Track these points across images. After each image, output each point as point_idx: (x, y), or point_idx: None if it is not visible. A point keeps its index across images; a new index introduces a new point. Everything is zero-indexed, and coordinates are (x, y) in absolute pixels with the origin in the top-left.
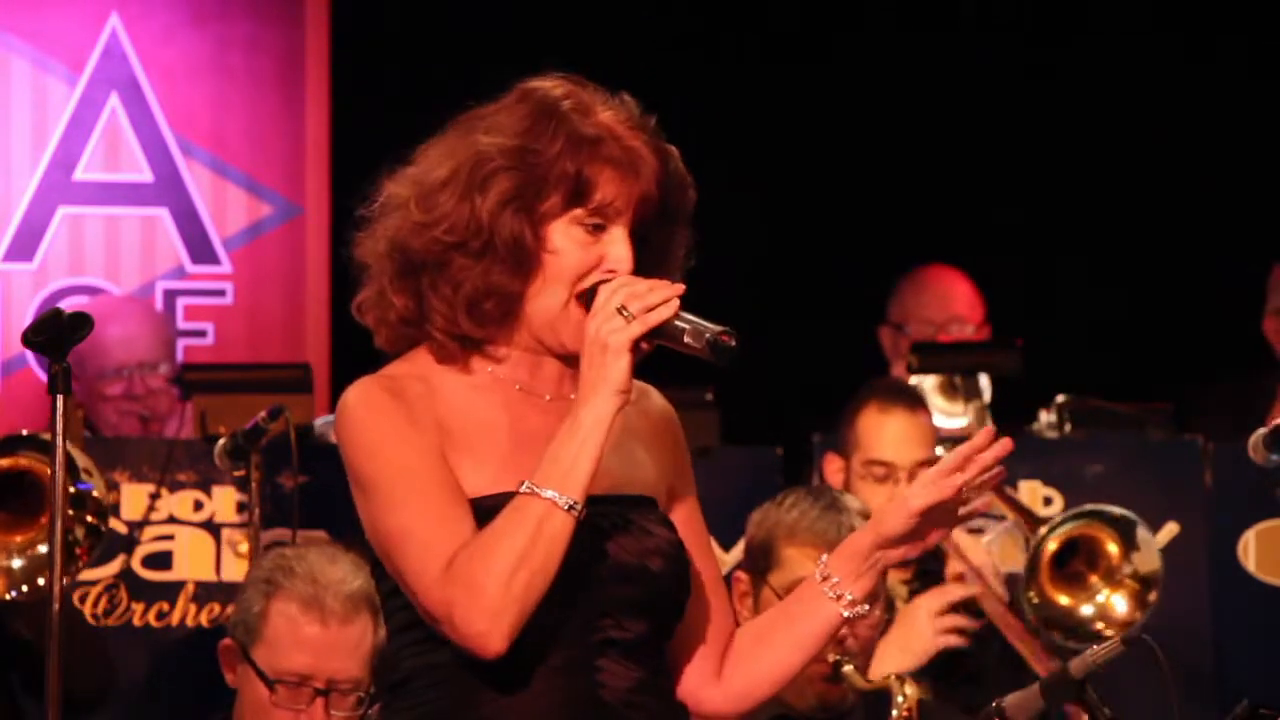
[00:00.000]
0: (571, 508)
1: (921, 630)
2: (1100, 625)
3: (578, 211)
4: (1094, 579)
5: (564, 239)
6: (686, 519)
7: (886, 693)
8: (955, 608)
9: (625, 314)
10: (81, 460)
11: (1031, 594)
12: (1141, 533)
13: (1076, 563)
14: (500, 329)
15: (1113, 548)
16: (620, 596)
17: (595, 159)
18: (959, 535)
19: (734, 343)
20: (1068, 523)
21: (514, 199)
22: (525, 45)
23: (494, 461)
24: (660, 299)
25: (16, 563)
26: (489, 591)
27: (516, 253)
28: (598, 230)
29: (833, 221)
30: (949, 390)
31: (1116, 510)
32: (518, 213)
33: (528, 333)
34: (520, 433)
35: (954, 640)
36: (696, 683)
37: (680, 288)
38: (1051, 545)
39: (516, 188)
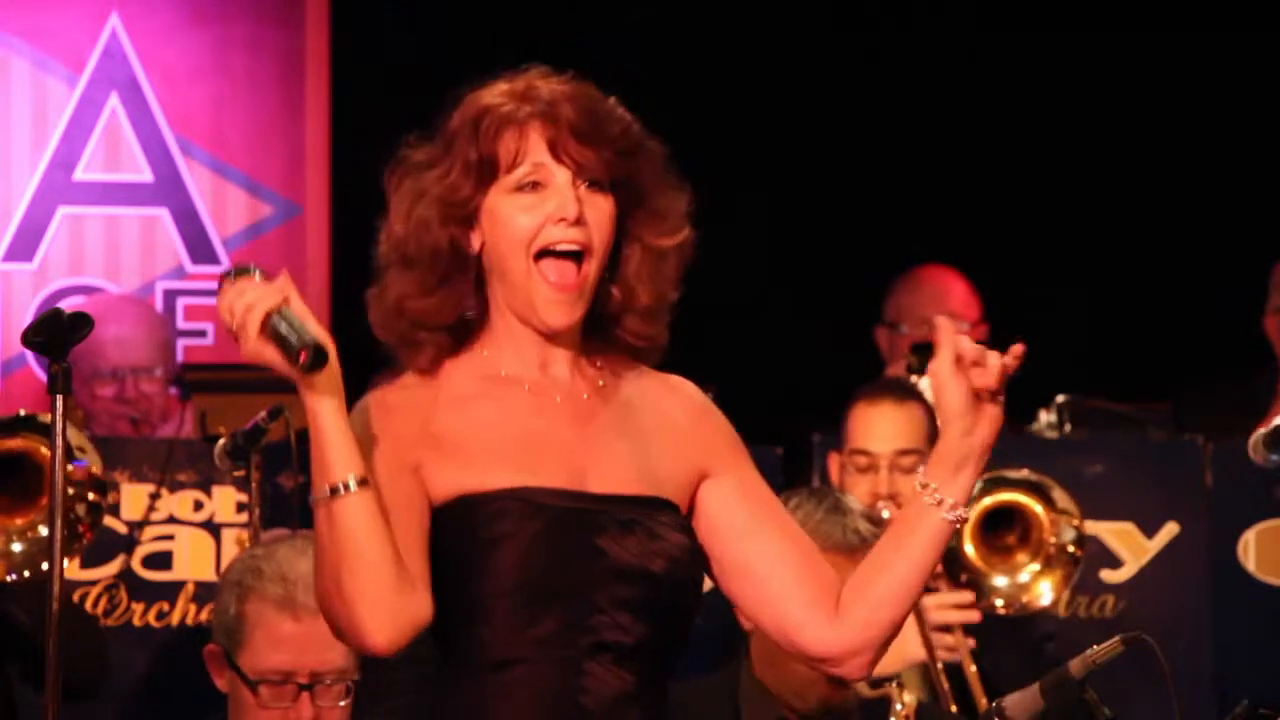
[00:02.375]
0: (335, 490)
1: (906, 637)
2: (1002, 602)
3: (504, 180)
4: (1021, 556)
5: (507, 208)
6: (738, 490)
7: (887, 699)
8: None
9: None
10: (75, 438)
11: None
12: (1059, 495)
13: (1008, 536)
14: (488, 329)
15: (1039, 510)
16: (617, 597)
17: (490, 128)
18: None
19: (308, 359)
20: (994, 487)
21: (439, 212)
22: (525, 45)
23: (486, 459)
24: (253, 298)
25: (16, 546)
26: (336, 609)
27: (435, 259)
28: (537, 188)
29: (834, 221)
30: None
31: (1025, 475)
32: (444, 224)
33: (518, 323)
34: (521, 431)
35: (937, 655)
36: (816, 629)
37: (273, 292)
38: (978, 505)
39: (440, 202)
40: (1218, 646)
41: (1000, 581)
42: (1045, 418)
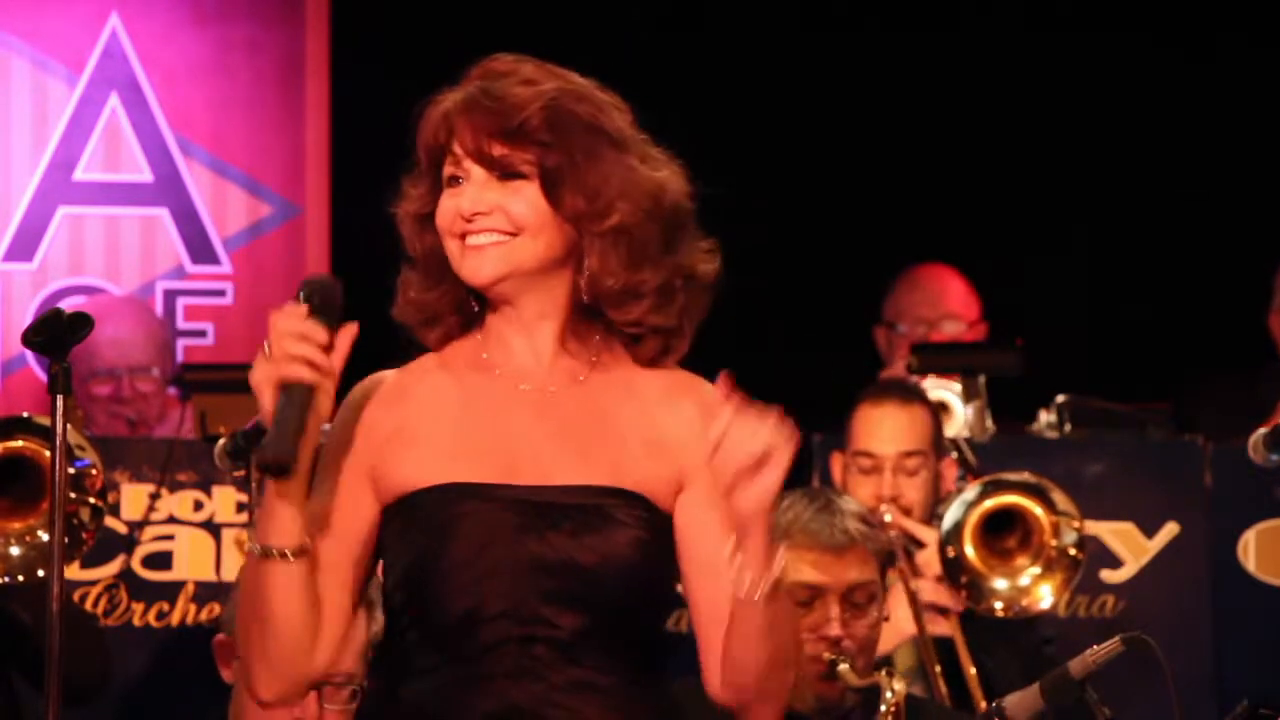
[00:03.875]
0: (267, 552)
1: (899, 614)
2: (1000, 605)
3: (443, 179)
4: (1021, 559)
5: (440, 206)
6: (700, 514)
7: (877, 687)
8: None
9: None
10: (74, 437)
11: (950, 549)
12: (1059, 498)
13: (1009, 539)
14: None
15: (1040, 513)
16: (544, 590)
17: (423, 130)
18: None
19: (269, 461)
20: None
21: (414, 220)
22: (525, 45)
23: (428, 454)
24: (299, 354)
25: (15, 550)
26: (240, 645)
27: (428, 260)
28: (457, 183)
29: (834, 221)
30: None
31: (1025, 478)
32: (422, 230)
33: (496, 312)
34: (471, 424)
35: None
36: (712, 674)
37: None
38: (982, 506)
39: (413, 211)
40: (1218, 646)
41: (1000, 584)
42: (1045, 418)
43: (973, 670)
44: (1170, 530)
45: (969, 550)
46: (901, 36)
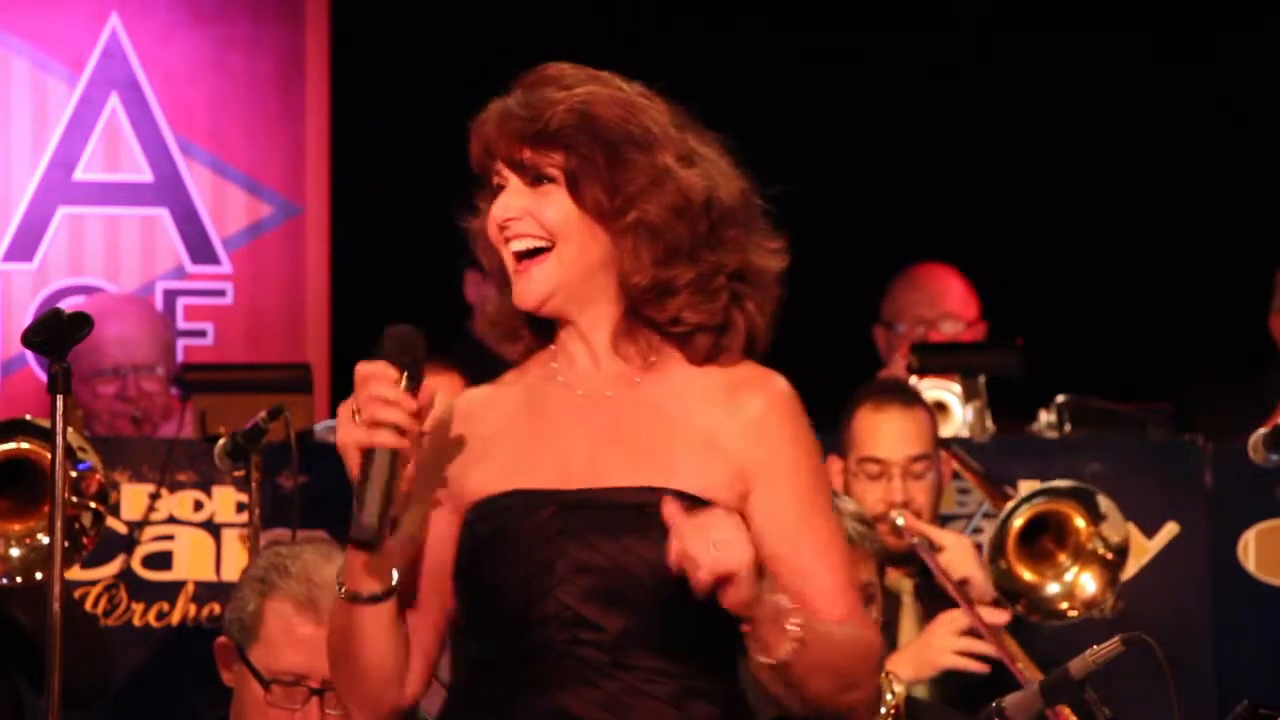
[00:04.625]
0: (355, 597)
1: (940, 644)
2: (1065, 604)
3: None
4: (1062, 557)
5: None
6: (764, 505)
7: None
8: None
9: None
10: (75, 439)
11: (1000, 565)
12: (1103, 502)
13: (1046, 540)
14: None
15: (1080, 522)
16: (587, 592)
17: (471, 145)
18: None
19: (358, 540)
20: (1033, 499)
21: (484, 235)
22: (525, 45)
23: (494, 465)
24: (390, 420)
25: (15, 551)
26: (335, 676)
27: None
28: (498, 191)
29: (834, 222)
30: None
31: (1073, 484)
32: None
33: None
34: (532, 432)
35: (964, 663)
36: None
37: (398, 426)
38: (1017, 522)
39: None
40: (1218, 646)
41: (1054, 589)
42: (1045, 418)
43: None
44: (1170, 530)
45: (1019, 568)
46: (901, 36)
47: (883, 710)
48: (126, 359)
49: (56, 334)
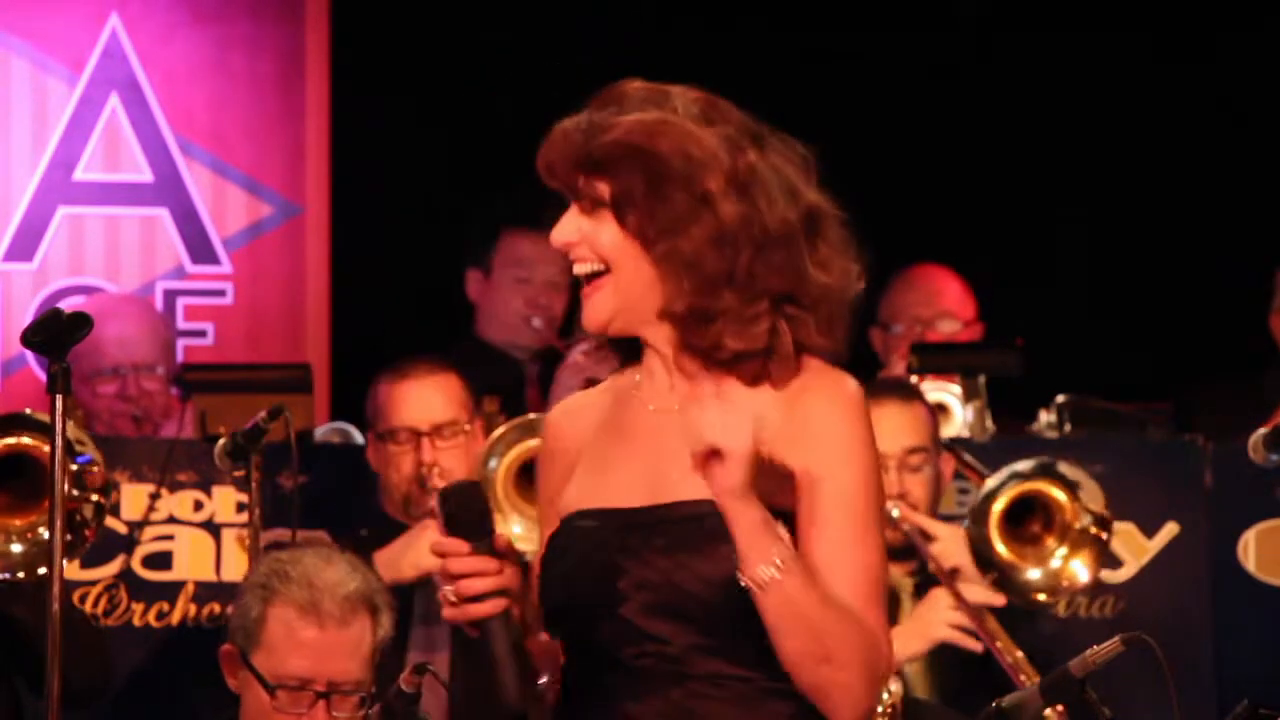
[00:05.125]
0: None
1: (934, 617)
2: (1043, 594)
3: None
4: (1050, 540)
5: None
6: (809, 506)
7: None
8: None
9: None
10: (75, 432)
11: (986, 556)
12: (1067, 470)
13: (1033, 524)
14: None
15: (1060, 495)
16: (648, 606)
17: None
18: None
19: (514, 711)
20: (1003, 485)
21: None
22: (525, 45)
23: (576, 481)
24: (483, 589)
25: (16, 547)
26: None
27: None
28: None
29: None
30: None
31: (1034, 462)
32: None
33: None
34: (607, 449)
35: (958, 637)
36: None
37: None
38: (997, 505)
39: None
40: (1218, 646)
41: (1034, 574)
42: (1045, 418)
43: (1019, 653)
44: (1170, 530)
45: (998, 546)
46: (901, 36)
47: (880, 709)
48: (126, 359)
49: (56, 334)
